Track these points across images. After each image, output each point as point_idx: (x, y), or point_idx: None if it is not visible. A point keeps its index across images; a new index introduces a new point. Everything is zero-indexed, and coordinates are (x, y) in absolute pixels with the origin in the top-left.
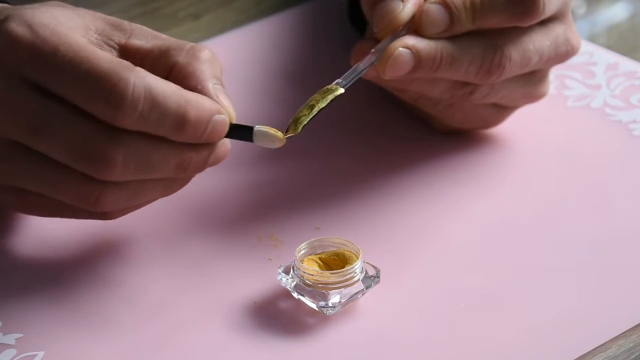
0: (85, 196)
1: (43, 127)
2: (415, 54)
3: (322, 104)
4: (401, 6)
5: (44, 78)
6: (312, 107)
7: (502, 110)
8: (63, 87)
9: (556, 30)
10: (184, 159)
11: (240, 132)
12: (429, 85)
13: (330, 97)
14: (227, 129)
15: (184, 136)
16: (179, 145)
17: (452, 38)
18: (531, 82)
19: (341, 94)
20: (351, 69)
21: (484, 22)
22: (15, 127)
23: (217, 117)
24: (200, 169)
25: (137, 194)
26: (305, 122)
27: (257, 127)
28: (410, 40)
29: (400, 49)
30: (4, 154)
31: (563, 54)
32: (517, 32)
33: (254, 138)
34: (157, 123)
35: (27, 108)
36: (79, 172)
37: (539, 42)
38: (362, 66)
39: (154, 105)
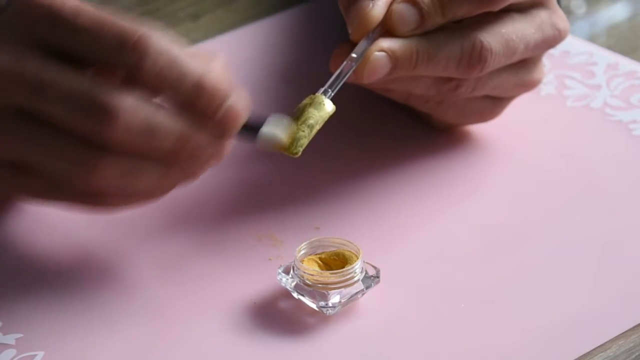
0: (81, 163)
1: (46, 85)
2: (391, 55)
3: (319, 125)
4: (371, 5)
5: (62, 39)
6: (311, 127)
7: (497, 102)
8: (83, 44)
9: (540, 17)
10: (186, 132)
11: (247, 130)
12: (411, 83)
13: (326, 116)
14: (243, 118)
15: (199, 104)
16: (182, 118)
17: (427, 34)
18: (522, 71)
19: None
20: (333, 75)
21: (454, 13)
22: (19, 86)
23: (236, 99)
24: (197, 156)
25: (132, 171)
26: (305, 145)
27: (264, 129)
28: (385, 43)
29: (376, 53)
30: (3, 122)
31: (551, 39)
32: (495, 23)
33: (258, 139)
34: (176, 81)
35: (32, 66)
36: (77, 139)
37: (522, 30)
38: (344, 72)
39: (175, 62)
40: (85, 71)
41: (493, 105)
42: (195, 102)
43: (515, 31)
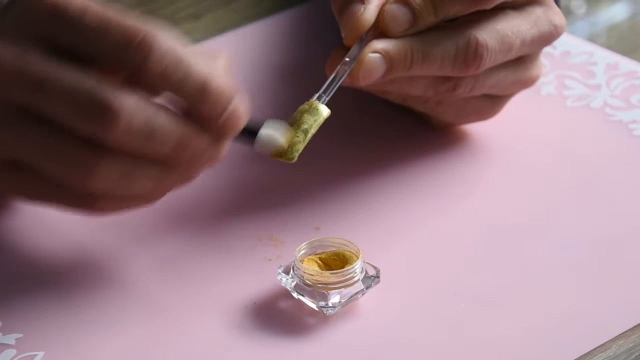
0: (80, 163)
1: (48, 82)
2: (386, 56)
3: (314, 130)
4: (362, 8)
5: (67, 36)
6: (305, 131)
7: (495, 100)
8: (88, 42)
9: (536, 13)
10: (186, 135)
11: (245, 133)
12: (408, 85)
13: (321, 120)
14: (244, 122)
15: (203, 106)
16: (185, 119)
17: (421, 34)
18: (520, 68)
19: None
20: (328, 80)
21: (446, 12)
22: (21, 83)
23: (239, 102)
24: (196, 160)
25: (129, 174)
26: (301, 150)
27: (264, 132)
28: (379, 44)
29: (370, 54)
30: (2, 119)
31: (547, 35)
32: (490, 20)
33: (256, 143)
34: (180, 82)
35: (35, 63)
36: (77, 138)
37: (517, 26)
38: (338, 76)
39: (180, 63)
40: (88, 70)
41: (492, 103)
42: (199, 105)
43: (511, 27)
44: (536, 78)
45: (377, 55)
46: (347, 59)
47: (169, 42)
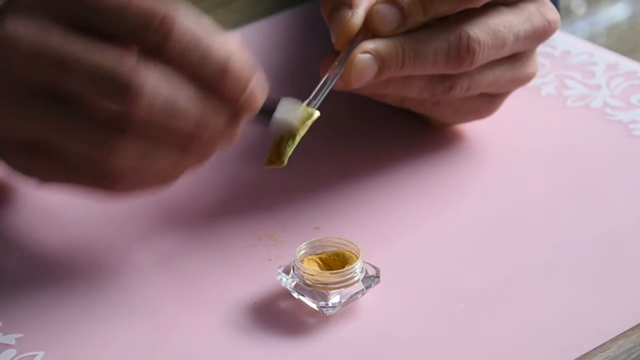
0: (100, 142)
1: (70, 59)
2: (376, 55)
3: (303, 131)
4: (350, 13)
5: (87, 15)
6: (294, 135)
7: (492, 99)
8: (109, 22)
9: (528, 9)
10: (207, 113)
11: (261, 114)
12: (404, 86)
13: (309, 122)
14: (262, 100)
15: (223, 85)
16: (204, 97)
17: (412, 32)
18: (517, 66)
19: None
20: (319, 84)
21: (435, 11)
22: (42, 60)
23: (258, 80)
24: (214, 139)
25: (150, 152)
26: (290, 153)
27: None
28: (369, 44)
29: (360, 55)
30: (23, 99)
31: (541, 30)
32: (482, 16)
33: (272, 123)
34: (201, 60)
35: (56, 41)
36: (98, 118)
37: (509, 21)
38: (329, 80)
39: (201, 41)
40: (109, 47)
41: (489, 102)
42: (219, 84)
43: (503, 22)
44: (532, 75)
45: (367, 55)
46: (336, 63)
47: (189, 21)
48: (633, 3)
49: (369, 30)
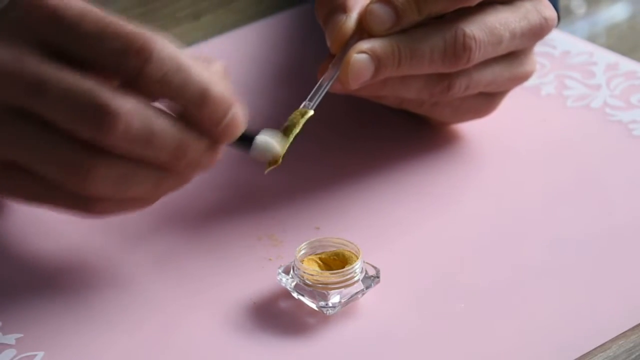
0: (77, 166)
1: (45, 84)
2: (372, 55)
3: (296, 130)
4: (344, 17)
5: (65, 40)
6: (288, 135)
7: (491, 98)
8: (86, 48)
9: (525, 6)
10: (185, 141)
11: (241, 140)
12: (402, 87)
13: (302, 120)
14: (242, 127)
15: (203, 112)
16: (183, 124)
17: (407, 30)
18: (515, 64)
19: (312, 116)
20: (315, 86)
21: (430, 10)
22: (18, 84)
23: (237, 109)
24: (193, 164)
25: (127, 177)
26: (283, 153)
27: (259, 139)
28: (364, 44)
29: (355, 55)
30: (0, 121)
31: (538, 27)
32: (477, 14)
33: (252, 149)
34: (180, 88)
35: (33, 66)
36: (74, 142)
37: (505, 19)
38: (325, 83)
39: (180, 69)
40: (86, 74)
41: (488, 101)
42: (198, 111)
43: (499, 20)
44: (531, 73)
45: (363, 55)
46: (331, 66)
47: (168, 48)
48: (633, 3)
49: (364, 32)
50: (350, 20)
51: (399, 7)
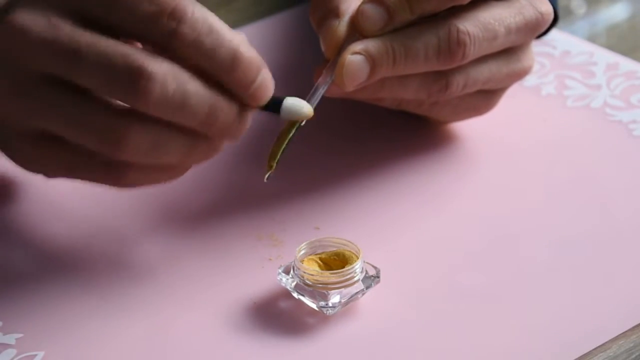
0: (111, 132)
1: (81, 50)
2: (367, 55)
3: (290, 134)
4: (337, 22)
5: (98, 7)
6: (283, 139)
7: (489, 95)
8: (119, 14)
9: (519, 1)
10: (217, 105)
11: (270, 104)
12: (400, 87)
13: (296, 124)
14: (272, 90)
15: (234, 75)
16: (215, 87)
17: (401, 30)
18: (512, 60)
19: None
20: (311, 90)
21: (422, 8)
22: (53, 52)
23: (266, 72)
24: (224, 130)
25: (160, 144)
26: (279, 156)
27: (288, 100)
28: (358, 45)
29: (349, 56)
30: (33, 89)
31: (534, 22)
32: (471, 10)
33: (282, 110)
34: (212, 50)
35: (67, 33)
36: (108, 108)
37: (499, 14)
38: (321, 86)
39: (212, 31)
40: (120, 40)
41: (487, 98)
42: (230, 74)
43: (493, 15)
44: (529, 69)
45: (357, 56)
46: (325, 71)
47: (200, 10)
48: (633, 3)
49: (356, 37)
50: (343, 24)
51: (390, 7)
